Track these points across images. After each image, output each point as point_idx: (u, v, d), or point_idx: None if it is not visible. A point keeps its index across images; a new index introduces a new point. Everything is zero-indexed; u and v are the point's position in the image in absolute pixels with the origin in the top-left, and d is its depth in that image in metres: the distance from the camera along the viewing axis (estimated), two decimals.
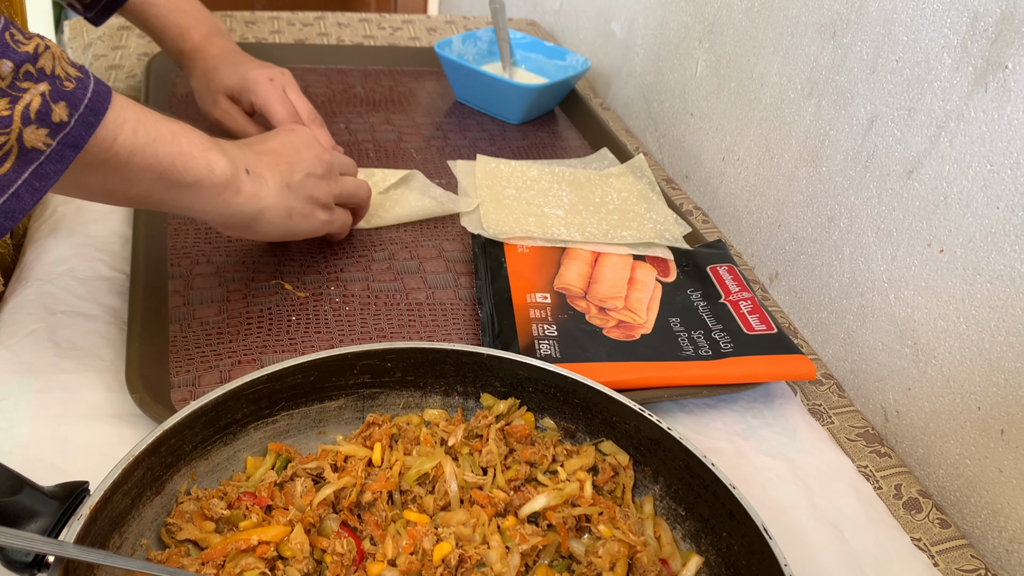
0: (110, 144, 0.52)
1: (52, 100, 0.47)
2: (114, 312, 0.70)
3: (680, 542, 0.55)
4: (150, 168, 0.55)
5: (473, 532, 0.51)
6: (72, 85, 0.49)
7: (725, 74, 0.97)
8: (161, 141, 0.55)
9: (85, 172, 0.53)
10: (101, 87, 0.51)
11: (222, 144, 0.62)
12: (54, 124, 0.48)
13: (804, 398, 0.75)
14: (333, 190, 0.72)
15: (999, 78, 0.61)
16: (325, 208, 0.72)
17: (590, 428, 0.59)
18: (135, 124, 0.54)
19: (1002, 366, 0.62)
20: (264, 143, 0.69)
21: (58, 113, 0.48)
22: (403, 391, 0.60)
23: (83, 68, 0.51)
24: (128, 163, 0.54)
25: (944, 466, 0.68)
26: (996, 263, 0.62)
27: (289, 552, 0.49)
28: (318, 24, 1.34)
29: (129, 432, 0.60)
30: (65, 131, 0.48)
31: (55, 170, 0.49)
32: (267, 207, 0.64)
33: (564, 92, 1.12)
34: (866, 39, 0.74)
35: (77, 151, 0.49)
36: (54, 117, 0.47)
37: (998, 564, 0.64)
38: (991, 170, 0.62)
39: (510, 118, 1.08)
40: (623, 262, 0.81)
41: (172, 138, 0.56)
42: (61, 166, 0.49)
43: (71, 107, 0.49)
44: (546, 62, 1.16)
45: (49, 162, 0.48)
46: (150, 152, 0.55)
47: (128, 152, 0.53)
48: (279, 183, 0.65)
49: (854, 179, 0.77)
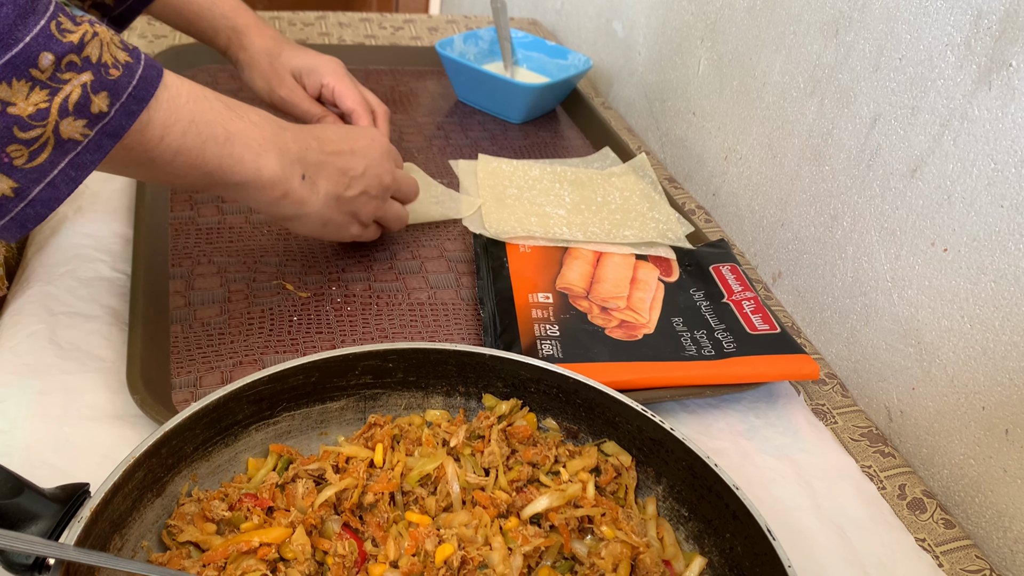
0: (156, 144, 0.52)
1: (93, 91, 0.47)
2: (115, 313, 0.70)
3: (683, 543, 0.55)
4: (195, 168, 0.55)
5: (475, 533, 0.51)
6: (118, 72, 0.48)
7: (727, 73, 0.97)
8: (212, 142, 0.55)
9: (129, 166, 0.53)
10: (150, 73, 0.50)
11: (286, 141, 0.61)
12: (92, 115, 0.47)
13: (807, 398, 0.74)
14: (378, 212, 0.72)
15: (1003, 76, 0.61)
16: (361, 225, 0.72)
17: (592, 429, 0.59)
18: (187, 125, 0.53)
19: (1007, 365, 0.62)
20: (340, 144, 0.67)
21: (98, 104, 0.47)
22: (405, 392, 0.60)
23: (135, 51, 0.50)
24: (173, 162, 0.54)
25: (948, 466, 0.68)
26: (1000, 262, 0.62)
27: (291, 554, 0.49)
28: (319, 24, 1.34)
29: (130, 433, 0.60)
30: (104, 121, 0.48)
31: (92, 160, 0.49)
32: (308, 213, 0.64)
33: (566, 91, 1.12)
34: (869, 37, 0.74)
35: (116, 140, 0.49)
36: (93, 108, 0.47)
37: (1003, 564, 0.63)
38: (995, 168, 0.62)
39: (512, 117, 1.08)
40: (625, 262, 0.80)
41: (225, 140, 0.56)
42: (99, 155, 0.49)
43: (112, 96, 0.48)
44: (548, 61, 1.16)
45: (86, 152, 0.48)
46: (197, 155, 0.55)
47: (173, 153, 0.53)
48: (330, 195, 0.65)
49: (857, 178, 0.76)
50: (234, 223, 0.81)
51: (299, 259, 0.78)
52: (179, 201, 0.83)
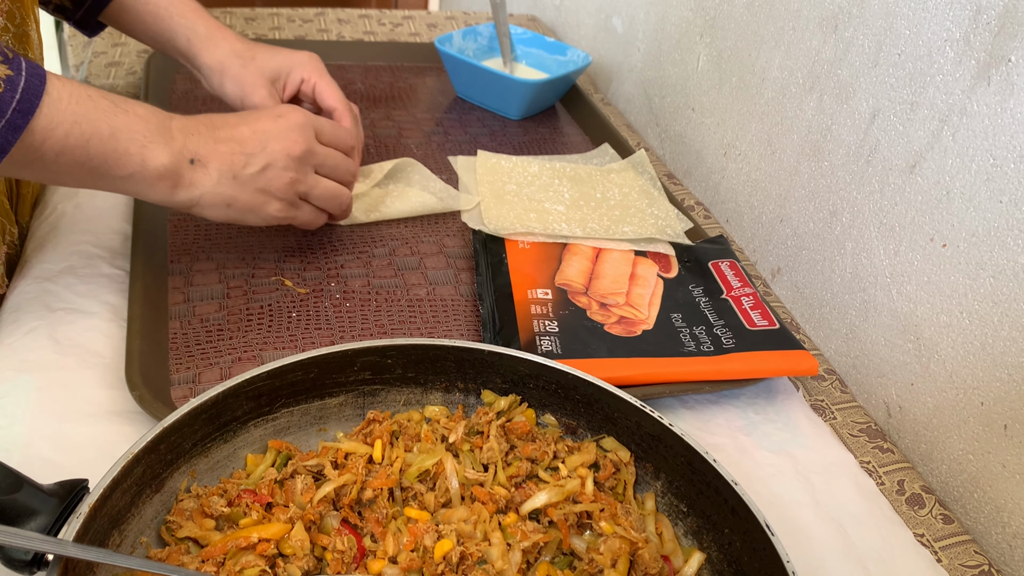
0: (37, 147, 0.52)
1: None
2: (114, 309, 0.70)
3: (682, 538, 0.55)
4: (79, 165, 0.55)
5: (474, 529, 0.51)
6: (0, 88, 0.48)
7: (726, 69, 0.97)
8: (96, 139, 0.55)
9: (11, 168, 0.53)
10: (32, 83, 0.50)
11: (172, 131, 0.60)
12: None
13: (806, 394, 0.74)
14: (298, 187, 0.69)
15: (1002, 71, 0.61)
16: (283, 201, 0.68)
17: (591, 424, 0.59)
18: (70, 126, 0.53)
19: (1005, 361, 0.62)
20: (236, 128, 0.66)
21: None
22: (404, 388, 0.60)
23: (16, 61, 0.50)
24: (56, 162, 0.54)
25: (947, 462, 0.68)
26: (999, 257, 0.62)
27: (289, 549, 0.49)
28: (318, 20, 1.34)
29: (129, 430, 0.60)
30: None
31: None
32: (203, 195, 0.63)
33: (565, 87, 1.12)
34: (868, 33, 0.74)
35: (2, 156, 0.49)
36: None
37: (1001, 560, 0.63)
38: (994, 164, 0.62)
39: (510, 114, 1.08)
40: (624, 258, 0.80)
41: (110, 136, 0.55)
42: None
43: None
44: (547, 57, 1.15)
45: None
46: (81, 153, 0.54)
47: (56, 153, 0.53)
48: (224, 174, 0.64)
49: (856, 173, 0.76)
50: None
51: (298, 255, 0.78)
52: None
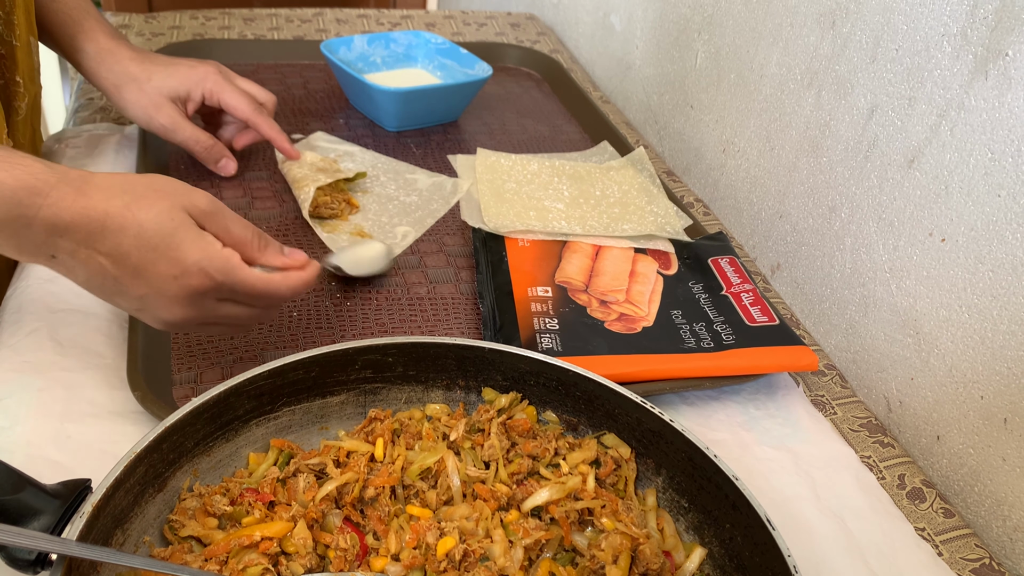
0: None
1: None
2: (115, 310, 0.70)
3: (683, 534, 0.55)
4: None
5: (476, 526, 0.51)
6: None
7: (725, 65, 0.97)
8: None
9: None
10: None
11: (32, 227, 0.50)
12: None
13: (807, 389, 0.74)
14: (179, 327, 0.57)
15: (999, 66, 0.61)
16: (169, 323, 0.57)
17: (592, 421, 0.59)
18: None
19: (1005, 355, 0.62)
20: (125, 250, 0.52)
21: None
22: (405, 386, 0.60)
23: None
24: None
25: (947, 455, 0.68)
26: (998, 252, 0.62)
27: (292, 548, 0.49)
28: (317, 20, 1.34)
29: (131, 429, 0.60)
30: None
31: None
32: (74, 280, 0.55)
33: (458, 99, 1.05)
34: (865, 28, 0.74)
35: None
36: None
37: (1002, 553, 0.64)
38: (992, 158, 0.62)
39: (387, 124, 1.02)
40: (624, 255, 0.81)
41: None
42: None
43: None
44: (457, 69, 1.08)
45: None
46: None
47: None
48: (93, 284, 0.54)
49: (855, 169, 0.76)
50: None
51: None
52: None
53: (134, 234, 0.51)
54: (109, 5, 1.77)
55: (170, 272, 0.53)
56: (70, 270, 0.53)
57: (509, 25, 1.43)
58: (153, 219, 0.52)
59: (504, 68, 1.23)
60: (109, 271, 0.52)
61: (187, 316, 0.55)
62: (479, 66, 1.05)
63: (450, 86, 1.02)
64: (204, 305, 0.56)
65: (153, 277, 0.53)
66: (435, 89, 1.01)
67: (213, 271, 0.53)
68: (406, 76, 1.10)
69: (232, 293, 0.56)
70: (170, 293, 0.53)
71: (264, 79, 1.08)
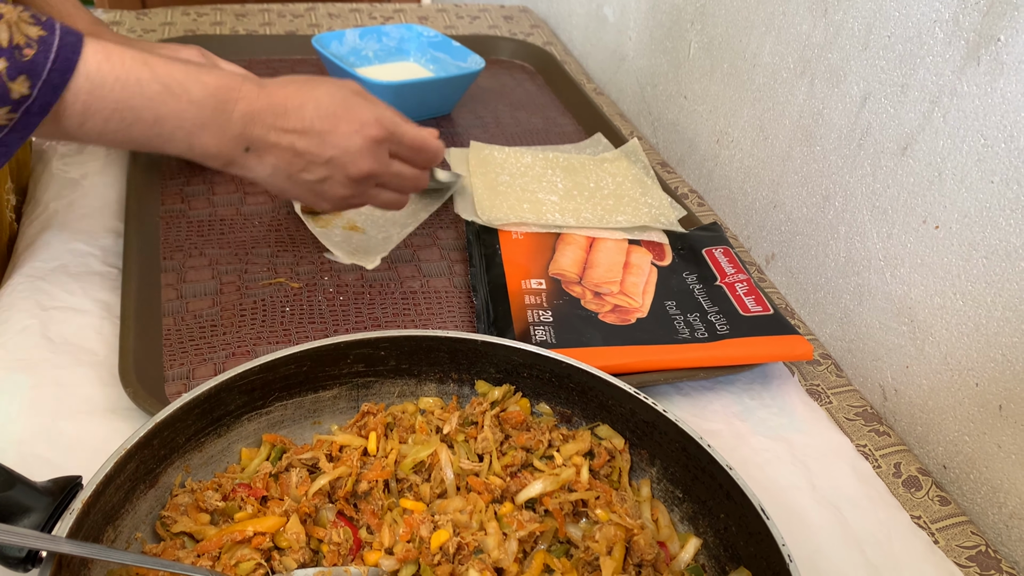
0: (76, 128, 0.52)
1: (9, 77, 0.47)
2: (107, 307, 0.69)
3: (678, 524, 0.55)
4: (123, 143, 0.56)
5: (470, 519, 0.51)
6: (32, 51, 0.48)
7: (718, 55, 0.96)
8: (139, 125, 0.54)
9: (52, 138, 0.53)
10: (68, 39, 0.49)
11: (231, 117, 0.57)
12: (14, 100, 0.47)
13: (802, 378, 0.74)
14: (354, 201, 0.66)
15: (991, 51, 0.61)
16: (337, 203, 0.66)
17: (586, 413, 0.59)
18: (110, 113, 0.53)
19: (999, 341, 0.62)
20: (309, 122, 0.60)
21: (17, 89, 0.47)
22: (398, 379, 0.60)
23: (48, 22, 0.49)
24: (99, 139, 0.54)
25: (943, 443, 0.68)
26: (992, 238, 0.62)
27: (285, 542, 0.49)
28: (309, 15, 1.33)
29: (123, 426, 0.59)
30: (28, 103, 0.48)
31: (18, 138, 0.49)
32: (255, 178, 0.62)
33: (454, 92, 1.04)
34: (857, 15, 0.73)
35: (43, 115, 0.49)
36: (13, 95, 0.47)
37: (998, 540, 0.63)
38: (985, 144, 0.62)
39: None
40: (618, 247, 0.80)
41: (154, 122, 0.55)
42: (25, 133, 0.49)
43: (32, 77, 0.48)
44: (449, 63, 1.08)
45: (13, 132, 0.49)
46: (123, 135, 0.54)
47: (97, 134, 0.53)
48: (279, 170, 0.61)
49: (848, 157, 0.76)
50: (225, 215, 0.81)
51: (291, 250, 0.77)
52: (170, 195, 0.83)
53: (313, 107, 0.61)
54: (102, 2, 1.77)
55: (351, 128, 0.61)
56: (260, 159, 0.60)
57: (502, 18, 1.43)
58: (325, 93, 0.62)
59: (497, 61, 1.22)
60: (297, 147, 0.60)
61: (371, 169, 0.63)
62: (472, 59, 1.05)
63: (442, 79, 1.01)
64: (381, 157, 0.64)
65: (338, 137, 0.61)
66: (427, 82, 1.01)
67: (386, 122, 0.64)
68: (398, 70, 1.10)
69: (399, 146, 0.65)
70: (355, 147, 0.62)
71: (257, 75, 1.08)
